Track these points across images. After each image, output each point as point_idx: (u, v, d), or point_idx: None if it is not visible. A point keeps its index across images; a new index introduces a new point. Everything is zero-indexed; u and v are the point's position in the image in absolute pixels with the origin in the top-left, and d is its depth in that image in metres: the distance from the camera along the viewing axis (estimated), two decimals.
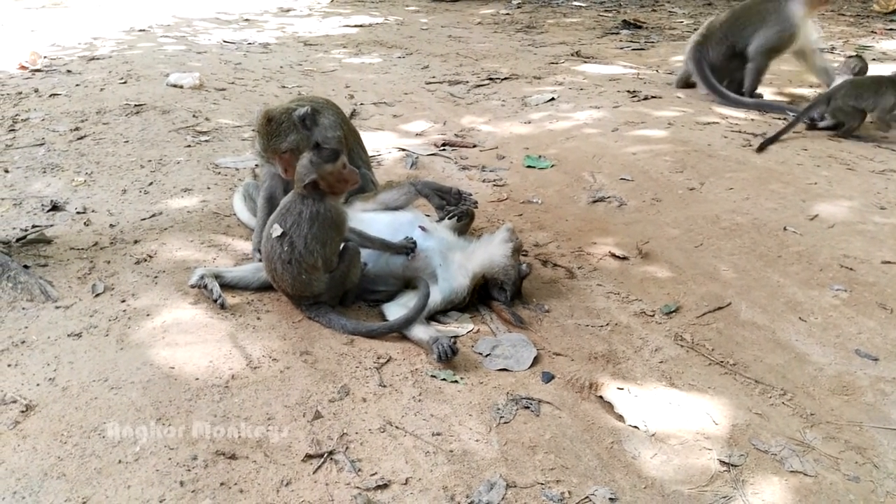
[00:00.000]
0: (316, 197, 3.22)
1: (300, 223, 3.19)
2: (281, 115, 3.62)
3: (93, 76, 7.15)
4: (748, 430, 2.70)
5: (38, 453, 2.41)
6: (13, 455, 2.40)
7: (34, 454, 2.41)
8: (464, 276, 3.47)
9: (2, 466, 2.36)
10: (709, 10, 12.12)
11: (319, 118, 3.78)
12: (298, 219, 3.20)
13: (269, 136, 3.60)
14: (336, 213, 3.26)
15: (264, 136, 3.61)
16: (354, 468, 2.43)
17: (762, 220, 4.32)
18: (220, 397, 2.72)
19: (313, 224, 3.19)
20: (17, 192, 4.41)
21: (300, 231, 3.18)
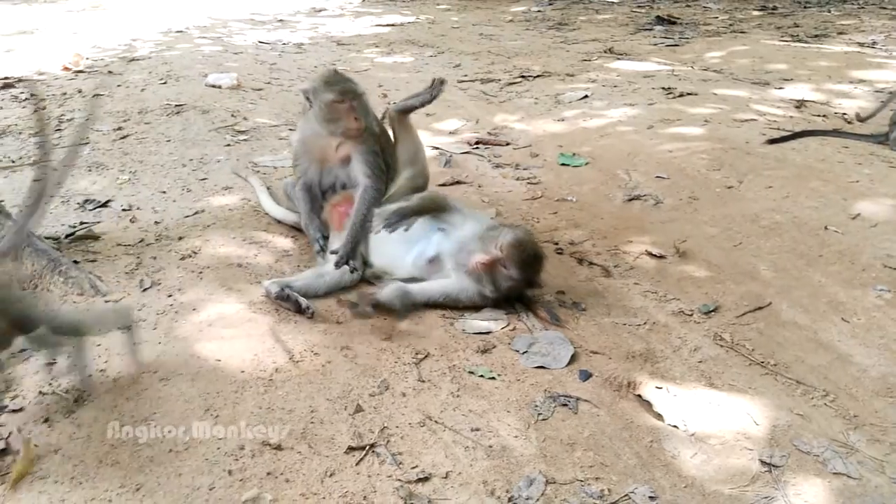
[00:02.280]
0: None
1: None
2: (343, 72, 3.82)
3: (134, 77, 7.30)
4: (790, 430, 2.69)
5: (93, 441, 2.49)
6: (69, 443, 2.49)
7: (89, 442, 2.49)
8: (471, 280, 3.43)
9: (59, 453, 2.44)
10: (743, 6, 12.02)
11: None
12: None
13: (343, 80, 3.72)
14: None
15: (339, 80, 3.70)
16: (395, 461, 2.47)
17: (802, 218, 4.28)
18: (265, 390, 2.78)
19: None
20: (65, 189, 4.52)
21: None
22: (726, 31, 9.87)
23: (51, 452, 2.45)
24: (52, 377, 2.77)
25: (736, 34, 9.67)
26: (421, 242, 3.58)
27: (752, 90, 6.89)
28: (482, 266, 3.33)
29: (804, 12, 11.23)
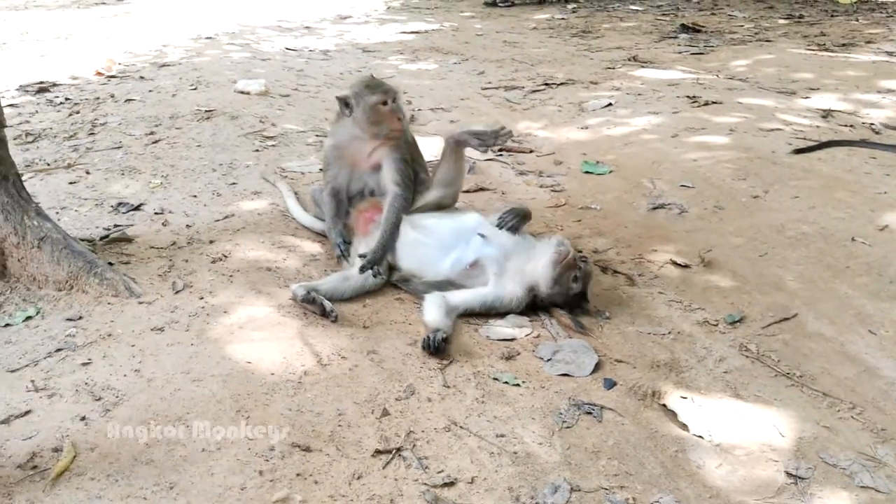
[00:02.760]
0: None
1: None
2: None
3: (164, 82, 7.41)
4: (816, 443, 2.69)
5: (128, 440, 2.55)
6: (106, 441, 2.55)
7: (124, 441, 2.55)
8: (515, 286, 3.50)
9: (95, 451, 2.50)
10: (769, 14, 11.94)
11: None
12: None
13: (383, 83, 3.84)
14: None
15: (380, 83, 3.84)
16: (422, 465, 2.51)
17: (829, 229, 4.26)
18: (294, 392, 2.83)
19: None
20: (99, 192, 4.61)
21: None
22: (752, 40, 9.81)
23: (87, 450, 2.50)
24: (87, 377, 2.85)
25: (762, 43, 9.61)
26: (459, 247, 3.62)
27: (777, 99, 6.85)
28: (570, 261, 3.41)
29: (831, 21, 11.13)
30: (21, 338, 3.14)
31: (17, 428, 2.60)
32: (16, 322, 3.25)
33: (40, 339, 3.14)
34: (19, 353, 3.05)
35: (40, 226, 3.48)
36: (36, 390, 2.80)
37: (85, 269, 3.45)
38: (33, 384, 2.83)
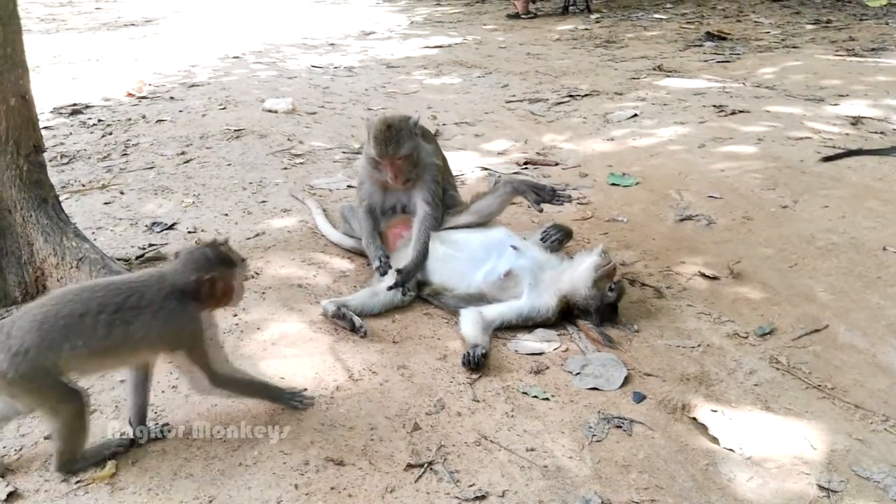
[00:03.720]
0: (187, 299, 2.52)
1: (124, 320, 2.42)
2: (399, 122, 3.76)
3: (194, 102, 7.55)
4: (848, 455, 2.67)
5: (168, 455, 2.62)
6: (146, 455, 2.62)
7: (164, 455, 2.62)
8: (550, 297, 3.53)
9: (136, 465, 2.57)
10: (796, 19, 11.84)
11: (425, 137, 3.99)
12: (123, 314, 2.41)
13: (388, 141, 3.70)
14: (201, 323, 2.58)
15: (383, 141, 3.70)
16: (453, 479, 2.53)
17: (860, 239, 4.23)
18: (327, 407, 2.89)
19: (161, 328, 2.48)
20: (133, 212, 4.72)
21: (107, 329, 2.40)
22: (778, 47, 9.75)
23: (129, 465, 2.57)
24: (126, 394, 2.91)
25: (789, 49, 9.55)
26: (491, 259, 3.66)
27: (806, 107, 6.81)
28: (611, 268, 3.47)
29: (860, 25, 11.01)
30: None
31: None
32: None
33: None
34: None
35: (79, 246, 3.58)
36: None
37: None
38: None
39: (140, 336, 2.42)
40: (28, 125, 3.54)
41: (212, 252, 2.58)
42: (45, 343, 2.31)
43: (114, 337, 2.38)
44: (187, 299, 2.49)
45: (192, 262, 2.54)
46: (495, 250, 3.69)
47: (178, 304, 2.47)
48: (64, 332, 2.33)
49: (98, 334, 2.36)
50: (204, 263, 2.53)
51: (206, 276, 2.51)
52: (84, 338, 2.34)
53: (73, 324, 2.34)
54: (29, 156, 3.54)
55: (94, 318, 2.36)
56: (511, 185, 3.92)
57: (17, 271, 3.60)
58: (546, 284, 3.58)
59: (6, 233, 3.57)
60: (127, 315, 2.39)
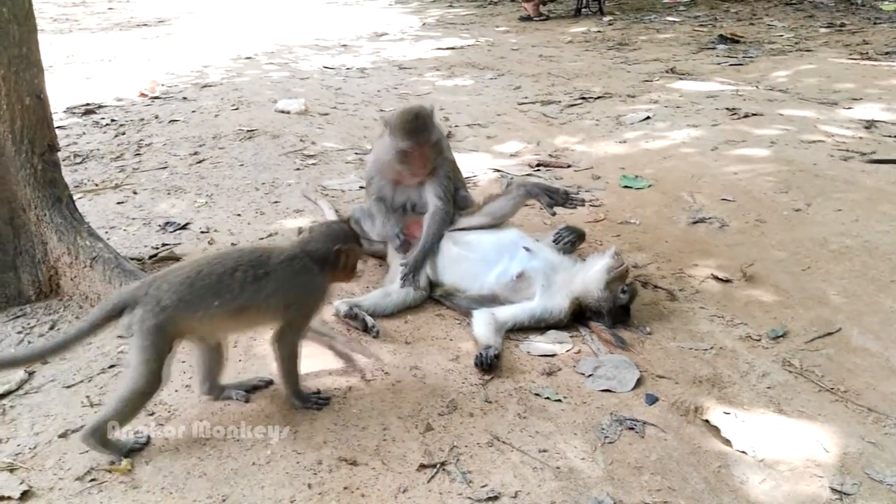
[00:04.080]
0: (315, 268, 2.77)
1: (260, 283, 2.65)
2: (422, 111, 3.82)
3: (207, 103, 7.60)
4: (861, 458, 2.65)
5: (181, 454, 2.63)
6: (159, 454, 2.63)
7: (177, 455, 2.63)
8: (563, 298, 3.53)
9: (150, 465, 2.59)
10: (810, 23, 11.79)
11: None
12: (260, 280, 2.65)
13: (417, 130, 3.73)
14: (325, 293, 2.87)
15: (412, 130, 3.73)
16: (465, 479, 2.53)
17: (873, 242, 4.22)
18: (340, 407, 2.89)
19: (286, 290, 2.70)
20: (146, 212, 4.76)
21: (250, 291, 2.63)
22: (792, 50, 9.72)
23: (143, 463, 2.59)
24: None
25: (802, 52, 9.52)
26: (503, 260, 3.67)
27: (819, 110, 6.79)
28: (624, 270, 3.47)
29: (874, 28, 10.95)
30: (75, 355, 3.24)
31: (74, 442, 2.68)
32: None
33: (94, 355, 3.25)
34: (74, 369, 3.16)
35: (92, 245, 3.60)
36: (91, 405, 2.90)
37: None
38: (88, 399, 2.94)
39: (268, 293, 2.62)
40: (43, 124, 3.57)
41: (347, 228, 2.87)
42: (183, 303, 2.52)
43: (246, 295, 2.58)
44: (317, 266, 2.75)
45: (330, 233, 2.81)
46: (508, 252, 3.70)
47: (309, 268, 2.73)
48: (202, 294, 2.54)
49: (234, 292, 2.57)
50: (340, 236, 2.80)
51: (341, 247, 2.75)
52: (221, 297, 2.55)
53: (212, 284, 2.56)
54: (43, 155, 3.56)
55: (231, 276, 2.58)
56: (524, 188, 3.92)
57: (32, 270, 3.62)
58: (558, 286, 3.58)
59: (20, 231, 3.60)
60: (260, 273, 2.62)
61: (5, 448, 2.68)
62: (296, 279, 2.69)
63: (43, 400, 2.96)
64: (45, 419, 2.83)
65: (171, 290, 2.52)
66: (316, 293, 2.78)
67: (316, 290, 2.78)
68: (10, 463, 2.59)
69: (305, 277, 2.73)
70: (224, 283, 2.56)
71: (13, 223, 3.57)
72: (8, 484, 2.49)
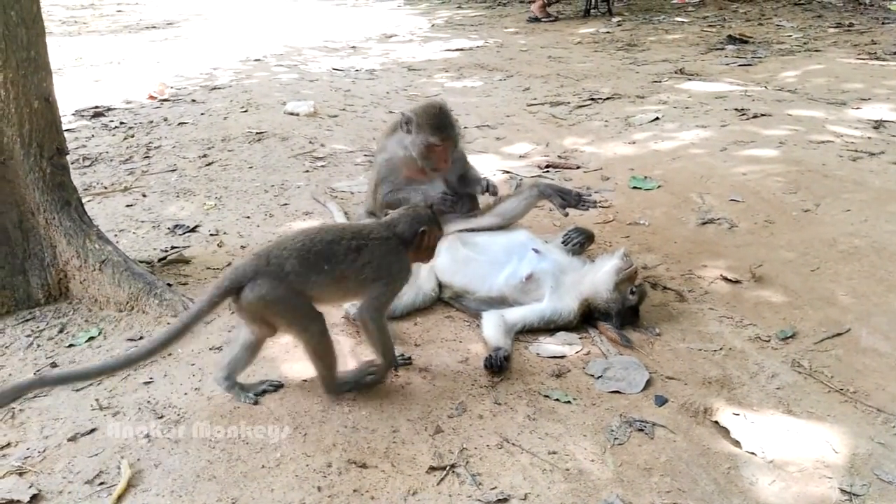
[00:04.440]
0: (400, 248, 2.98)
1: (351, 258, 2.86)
2: (444, 105, 3.92)
3: (216, 105, 7.63)
4: (870, 459, 2.65)
5: (191, 457, 2.65)
6: (168, 458, 2.64)
7: (186, 457, 2.64)
8: (572, 300, 3.53)
9: (159, 468, 2.60)
10: (818, 23, 11.73)
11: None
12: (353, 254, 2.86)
13: (446, 124, 3.85)
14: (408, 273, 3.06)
15: (442, 125, 3.83)
16: (475, 482, 2.54)
17: (882, 243, 4.20)
18: (349, 409, 2.90)
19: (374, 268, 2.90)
20: (155, 215, 4.78)
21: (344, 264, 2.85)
22: (800, 50, 9.68)
23: (152, 467, 2.60)
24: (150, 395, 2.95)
25: (811, 53, 9.47)
26: (513, 262, 3.67)
27: (827, 110, 6.77)
28: (632, 272, 3.49)
29: (882, 28, 10.89)
30: (84, 358, 3.27)
31: (83, 445, 2.71)
32: (79, 342, 3.39)
33: (103, 358, 3.26)
34: None
35: (101, 249, 3.62)
36: (100, 409, 2.92)
37: (145, 290, 3.58)
38: (98, 403, 2.95)
39: (363, 263, 2.86)
40: (51, 128, 3.58)
41: (430, 212, 3.07)
42: (303, 268, 2.75)
43: (346, 263, 2.83)
44: (403, 244, 2.97)
45: (417, 216, 3.02)
46: (517, 253, 3.70)
47: (396, 244, 2.95)
48: (317, 259, 2.78)
49: (339, 259, 2.82)
50: (426, 219, 3.01)
51: (424, 228, 2.98)
52: (329, 263, 2.80)
53: (322, 250, 2.80)
54: (52, 158, 3.58)
55: (338, 244, 2.83)
56: (537, 188, 3.94)
57: (41, 273, 3.64)
58: (568, 288, 3.58)
59: (29, 235, 3.61)
60: (360, 243, 2.87)
61: (15, 451, 2.70)
62: (386, 256, 2.91)
63: (52, 403, 2.97)
64: (55, 422, 2.84)
65: (291, 256, 2.75)
66: (402, 271, 2.99)
67: (402, 267, 2.99)
68: (20, 467, 2.60)
69: (394, 255, 2.94)
70: (332, 250, 2.81)
71: (22, 227, 3.59)
72: (17, 488, 2.50)
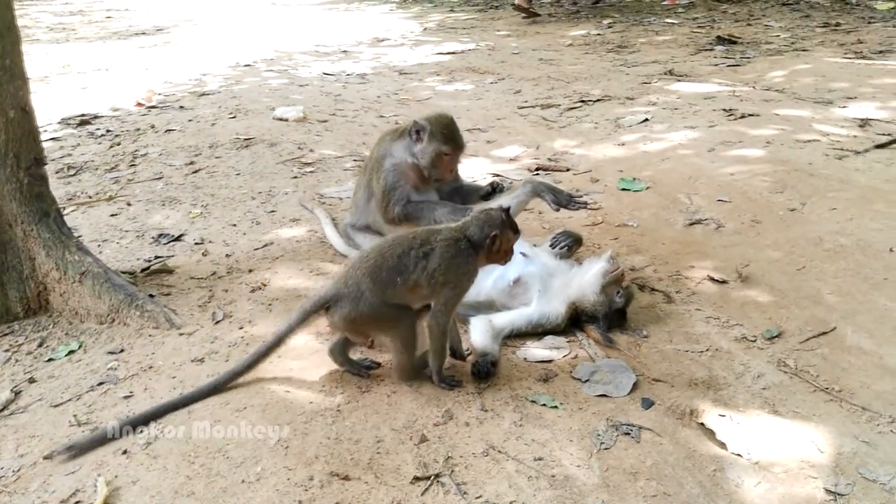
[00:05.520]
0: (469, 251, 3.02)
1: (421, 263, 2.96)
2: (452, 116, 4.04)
3: (204, 111, 7.61)
4: (855, 458, 2.64)
5: (169, 472, 2.61)
6: (147, 473, 2.60)
7: (165, 473, 2.60)
8: (560, 303, 3.52)
9: (137, 485, 2.56)
10: (806, 22, 11.75)
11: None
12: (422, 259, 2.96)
13: (458, 135, 3.98)
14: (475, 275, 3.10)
15: (455, 135, 3.96)
16: (460, 491, 2.52)
17: (867, 241, 4.20)
18: (333, 420, 2.87)
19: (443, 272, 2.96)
20: (140, 224, 4.76)
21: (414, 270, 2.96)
22: (788, 50, 9.68)
23: (129, 484, 2.56)
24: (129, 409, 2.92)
25: (798, 52, 9.48)
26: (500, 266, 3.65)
27: (814, 110, 6.77)
28: (619, 274, 3.49)
29: (868, 28, 10.90)
30: (64, 372, 3.24)
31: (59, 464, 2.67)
32: (59, 356, 3.36)
33: (83, 372, 3.23)
34: (62, 387, 3.14)
35: (81, 260, 3.59)
36: (79, 424, 2.88)
37: (126, 302, 3.55)
38: (76, 419, 2.91)
39: (433, 269, 2.94)
40: (28, 137, 3.54)
41: (505, 216, 3.07)
42: (377, 286, 2.93)
43: (418, 272, 2.93)
44: (472, 248, 3.02)
45: (489, 219, 3.05)
46: None
47: (465, 248, 3.00)
48: (389, 275, 2.93)
49: (410, 270, 2.93)
50: (498, 223, 3.03)
51: (496, 232, 2.99)
52: (403, 275, 2.93)
53: (395, 266, 2.94)
54: (30, 168, 3.54)
55: (408, 255, 2.94)
56: (531, 185, 3.96)
57: (19, 286, 3.60)
58: (555, 291, 3.57)
59: (7, 247, 3.57)
60: (427, 250, 2.95)
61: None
62: (455, 259, 2.97)
63: (29, 420, 2.94)
64: (31, 440, 2.81)
65: (365, 276, 2.93)
66: (469, 274, 3.04)
67: (470, 271, 3.04)
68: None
69: (462, 259, 2.99)
70: (403, 263, 2.93)
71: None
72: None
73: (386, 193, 4.00)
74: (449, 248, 2.97)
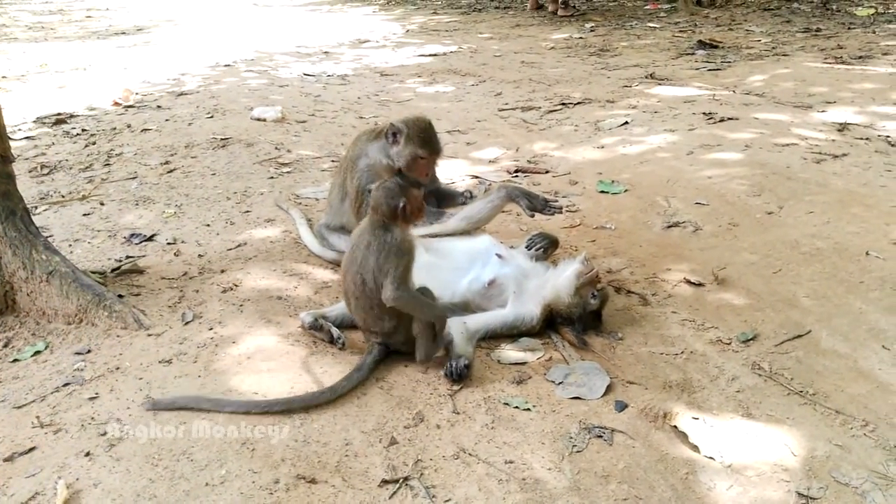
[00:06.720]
0: (389, 225, 3.15)
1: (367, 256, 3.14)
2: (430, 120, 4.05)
3: (181, 111, 7.53)
4: (828, 461, 2.64)
5: (132, 475, 2.54)
6: (109, 476, 2.54)
7: (127, 476, 2.54)
8: (535, 305, 3.50)
9: (98, 488, 2.49)
10: (786, 27, 11.85)
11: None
12: (366, 252, 3.14)
13: (435, 139, 3.99)
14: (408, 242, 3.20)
15: (433, 139, 3.98)
16: (429, 494, 2.48)
17: (843, 244, 4.21)
18: (301, 423, 2.82)
19: (380, 254, 3.11)
20: (112, 223, 4.69)
21: (367, 264, 3.13)
22: (769, 55, 9.74)
23: (90, 486, 2.50)
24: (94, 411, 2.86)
25: (779, 57, 9.54)
26: (476, 268, 3.64)
27: (793, 114, 6.80)
28: (593, 276, 3.48)
29: (848, 33, 11.01)
30: (29, 373, 3.17)
31: (20, 465, 2.60)
32: (24, 357, 3.28)
33: (48, 373, 3.16)
34: (26, 388, 3.06)
35: (49, 260, 3.52)
36: (41, 426, 2.81)
37: (94, 302, 3.48)
38: (39, 420, 2.83)
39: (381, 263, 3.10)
40: None
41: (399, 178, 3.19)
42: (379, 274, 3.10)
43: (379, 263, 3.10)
44: (394, 224, 3.13)
45: (388, 192, 3.12)
46: (480, 258, 3.66)
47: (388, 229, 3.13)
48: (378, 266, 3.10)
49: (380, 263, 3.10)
50: (398, 191, 3.12)
51: (402, 202, 3.10)
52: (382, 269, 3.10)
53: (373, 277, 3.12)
54: None
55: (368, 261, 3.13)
56: (505, 190, 3.93)
57: None
58: (531, 293, 3.55)
59: None
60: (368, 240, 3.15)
61: None
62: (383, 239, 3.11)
63: None
64: None
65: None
66: (403, 243, 3.14)
67: (401, 241, 3.13)
68: None
69: (389, 235, 3.12)
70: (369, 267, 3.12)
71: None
72: None
73: (360, 194, 3.97)
74: (377, 236, 3.11)
